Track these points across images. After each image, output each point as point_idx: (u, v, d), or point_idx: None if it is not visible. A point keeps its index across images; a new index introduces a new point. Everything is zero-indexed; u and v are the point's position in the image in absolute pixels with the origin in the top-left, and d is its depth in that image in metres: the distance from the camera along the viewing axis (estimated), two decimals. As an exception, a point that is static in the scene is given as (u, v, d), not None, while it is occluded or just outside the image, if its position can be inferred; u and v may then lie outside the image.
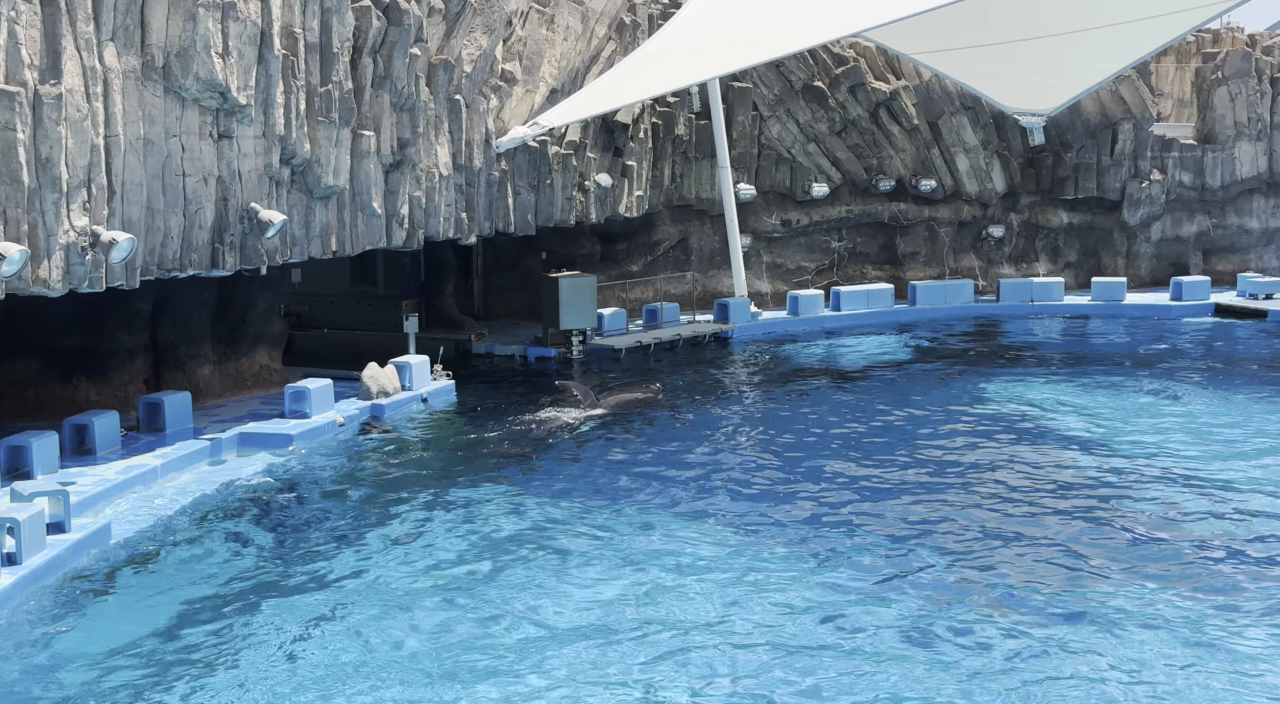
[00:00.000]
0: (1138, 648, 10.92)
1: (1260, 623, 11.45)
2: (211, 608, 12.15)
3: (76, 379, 18.65)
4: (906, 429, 19.32)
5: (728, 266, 29.42)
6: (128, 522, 14.50)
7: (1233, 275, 32.37)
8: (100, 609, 12.19)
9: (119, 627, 11.75)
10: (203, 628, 11.68)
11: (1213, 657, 10.77)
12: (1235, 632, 11.26)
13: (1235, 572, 12.84)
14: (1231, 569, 12.92)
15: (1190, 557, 13.33)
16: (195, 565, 13.38)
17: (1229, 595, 12.14)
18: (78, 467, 15.97)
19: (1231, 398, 21.25)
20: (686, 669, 10.65)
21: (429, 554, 13.67)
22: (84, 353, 18.70)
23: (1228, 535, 14.02)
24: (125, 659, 11.04)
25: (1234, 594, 12.17)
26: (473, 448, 18.60)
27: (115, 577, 12.99)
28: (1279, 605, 11.86)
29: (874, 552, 13.59)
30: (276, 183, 18.34)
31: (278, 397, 19.67)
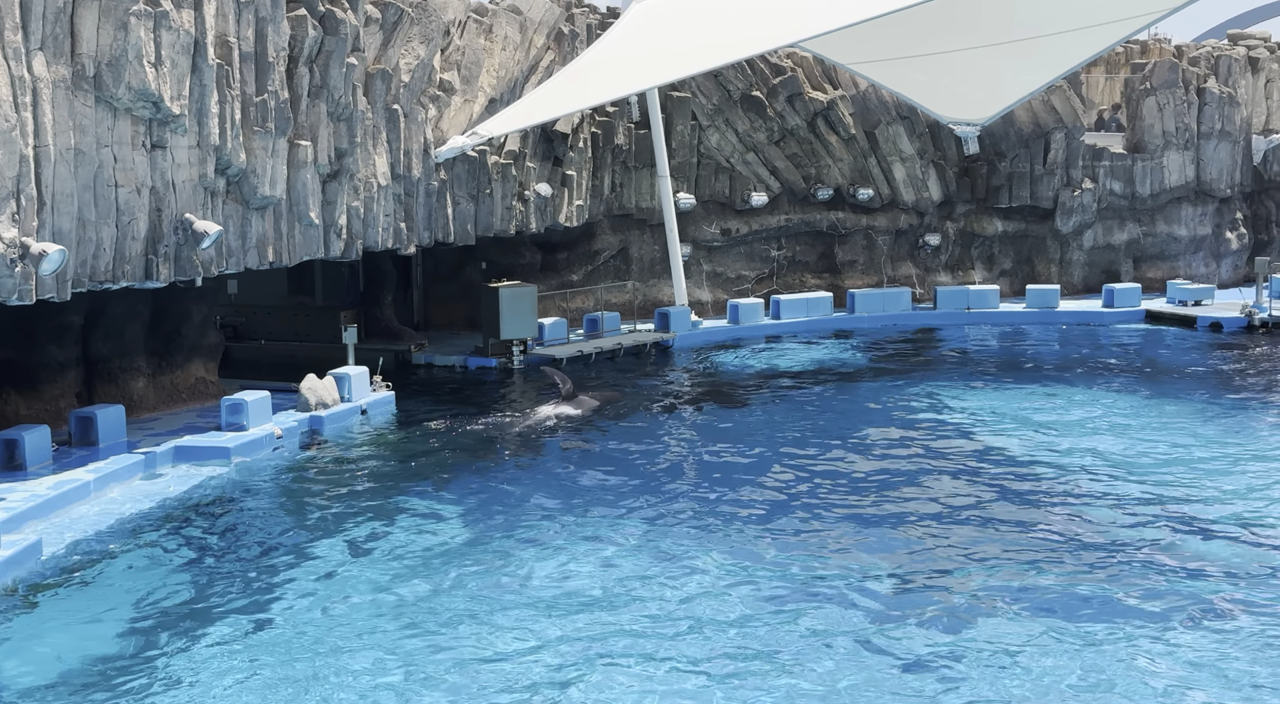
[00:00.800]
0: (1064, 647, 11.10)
1: (1189, 627, 11.68)
2: (146, 625, 11.99)
3: (6, 393, 18.32)
4: (845, 436, 19.47)
5: (668, 275, 29.51)
6: (59, 538, 14.28)
7: (1163, 282, 32.97)
8: (29, 627, 11.98)
9: (49, 645, 11.56)
10: (136, 644, 11.52)
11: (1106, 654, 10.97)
12: (1147, 635, 11.49)
13: (1151, 573, 13.09)
14: (1146, 571, 13.16)
15: (1108, 557, 13.55)
16: (129, 582, 13.19)
17: (1138, 598, 12.37)
18: (7, 482, 15.69)
19: (1161, 404, 21.64)
20: (632, 683, 10.66)
21: (369, 568, 13.58)
22: (13, 366, 18.38)
23: (1151, 539, 14.27)
24: (55, 677, 10.85)
25: (1151, 598, 12.40)
26: (412, 459, 18.49)
27: (45, 594, 12.77)
28: (1203, 613, 12.09)
29: (812, 557, 13.68)
30: (211, 193, 18.16)
31: (214, 409, 19.45)
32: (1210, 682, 10.47)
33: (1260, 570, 13.11)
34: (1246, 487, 16.27)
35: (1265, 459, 17.69)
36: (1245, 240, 35.50)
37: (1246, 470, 17.07)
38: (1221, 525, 14.66)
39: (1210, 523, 14.77)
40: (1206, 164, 34.29)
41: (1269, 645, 11.17)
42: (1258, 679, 10.48)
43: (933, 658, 11.03)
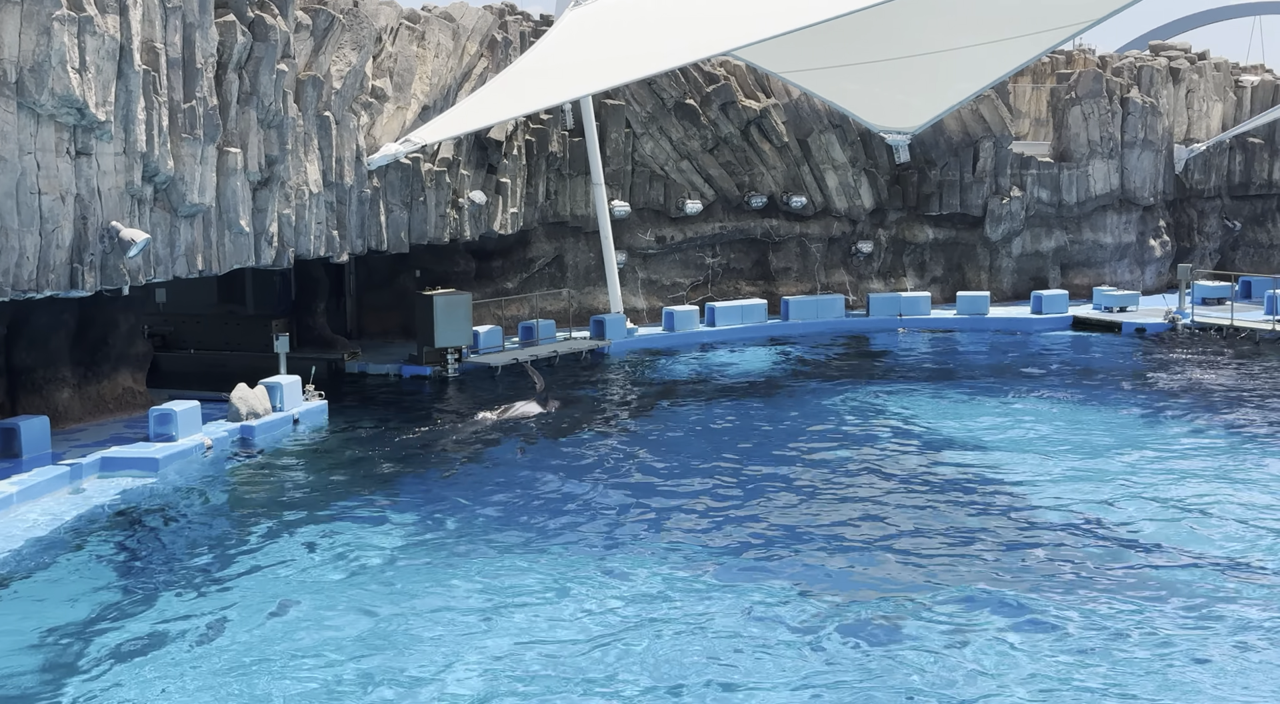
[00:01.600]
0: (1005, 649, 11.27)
1: (1114, 621, 11.90)
2: (70, 637, 11.78)
3: (-74, 405, 17.96)
4: (780, 442, 19.60)
5: (603, 283, 29.55)
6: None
7: (1089, 289, 33.56)
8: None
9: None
10: (60, 656, 11.32)
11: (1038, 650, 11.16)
12: (1074, 629, 11.70)
13: (1076, 570, 13.32)
14: (1072, 568, 13.40)
15: (1035, 559, 13.78)
16: (54, 594, 12.95)
17: (1066, 594, 12.59)
18: (-73, 496, 15.36)
19: (1086, 407, 22.02)
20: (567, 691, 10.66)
21: (299, 581, 13.44)
22: (-66, 377, 18.01)
23: (1070, 539, 14.52)
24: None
25: (1080, 594, 12.63)
26: (346, 469, 18.35)
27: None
28: (1135, 611, 12.34)
29: (750, 560, 13.77)
30: (139, 201, 17.91)
31: (142, 420, 19.17)
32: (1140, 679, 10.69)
33: (1176, 563, 13.39)
34: (1169, 485, 16.61)
35: (1184, 458, 18.07)
36: (1168, 248, 36.24)
37: (1170, 470, 17.43)
38: (1147, 525, 14.96)
39: (1135, 522, 15.06)
40: (1130, 173, 34.97)
41: (1205, 634, 11.43)
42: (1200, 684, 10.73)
43: (868, 663, 11.14)
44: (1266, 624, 11.84)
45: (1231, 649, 11.27)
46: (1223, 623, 11.85)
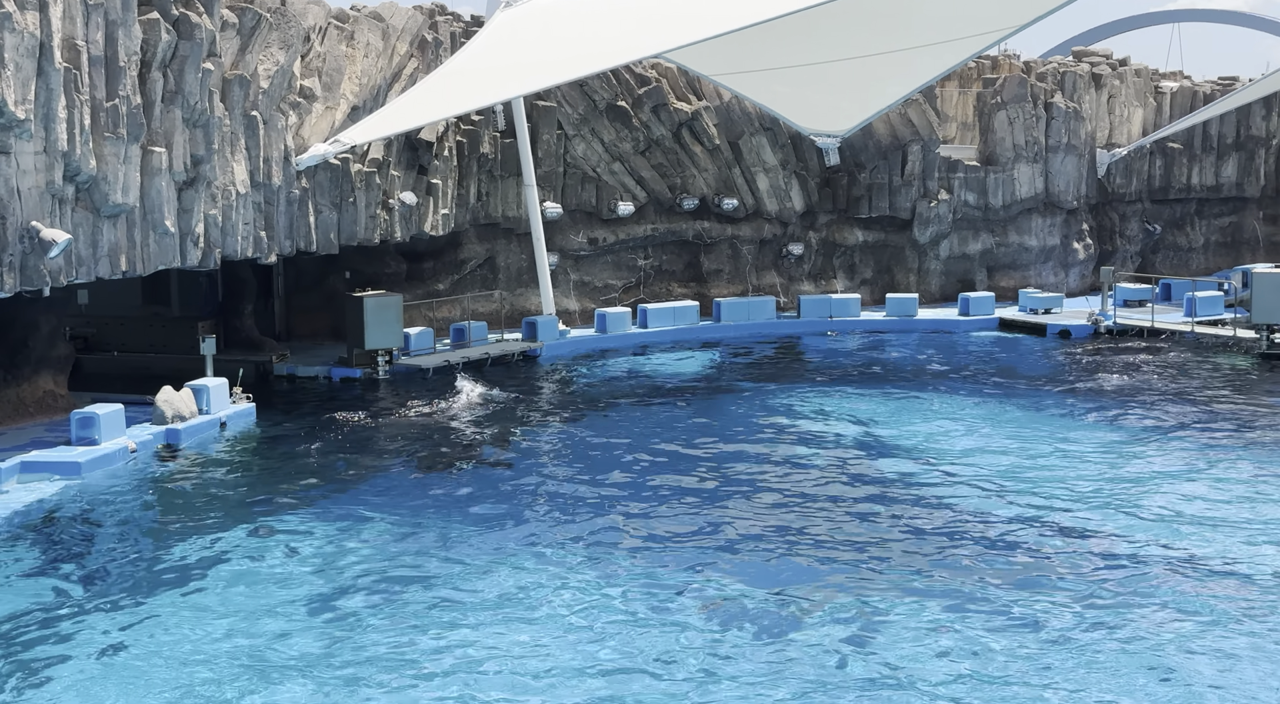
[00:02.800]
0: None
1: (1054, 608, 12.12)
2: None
3: None
4: (712, 444, 19.70)
5: (535, 285, 29.49)
6: (-104, 559, 13.67)
7: (1015, 291, 34.09)
8: None
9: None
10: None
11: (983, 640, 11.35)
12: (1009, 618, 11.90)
13: (989, 559, 13.55)
14: (1023, 558, 13.63)
15: (971, 552, 13.99)
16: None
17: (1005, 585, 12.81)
18: None
19: (1010, 406, 22.38)
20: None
21: (224, 586, 13.28)
22: None
23: (995, 532, 14.77)
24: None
25: (1022, 585, 12.85)
26: (273, 472, 18.16)
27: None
28: (1085, 594, 12.57)
29: (677, 569, 13.84)
30: (60, 200, 17.60)
31: (64, 423, 18.83)
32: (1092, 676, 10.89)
33: (1098, 556, 13.67)
34: (1088, 480, 16.94)
35: (1107, 453, 18.44)
36: (1091, 251, 36.91)
37: (1087, 464, 17.77)
38: (1072, 517, 15.24)
39: (1058, 515, 15.34)
40: (1054, 176, 35.57)
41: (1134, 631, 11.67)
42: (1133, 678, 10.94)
43: (798, 665, 11.25)
44: (1187, 606, 12.13)
45: (1163, 627, 11.54)
46: (1146, 609, 12.12)
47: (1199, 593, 12.79)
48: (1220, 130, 39.06)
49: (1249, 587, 13.00)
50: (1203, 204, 39.64)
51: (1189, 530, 14.91)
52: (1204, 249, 40.04)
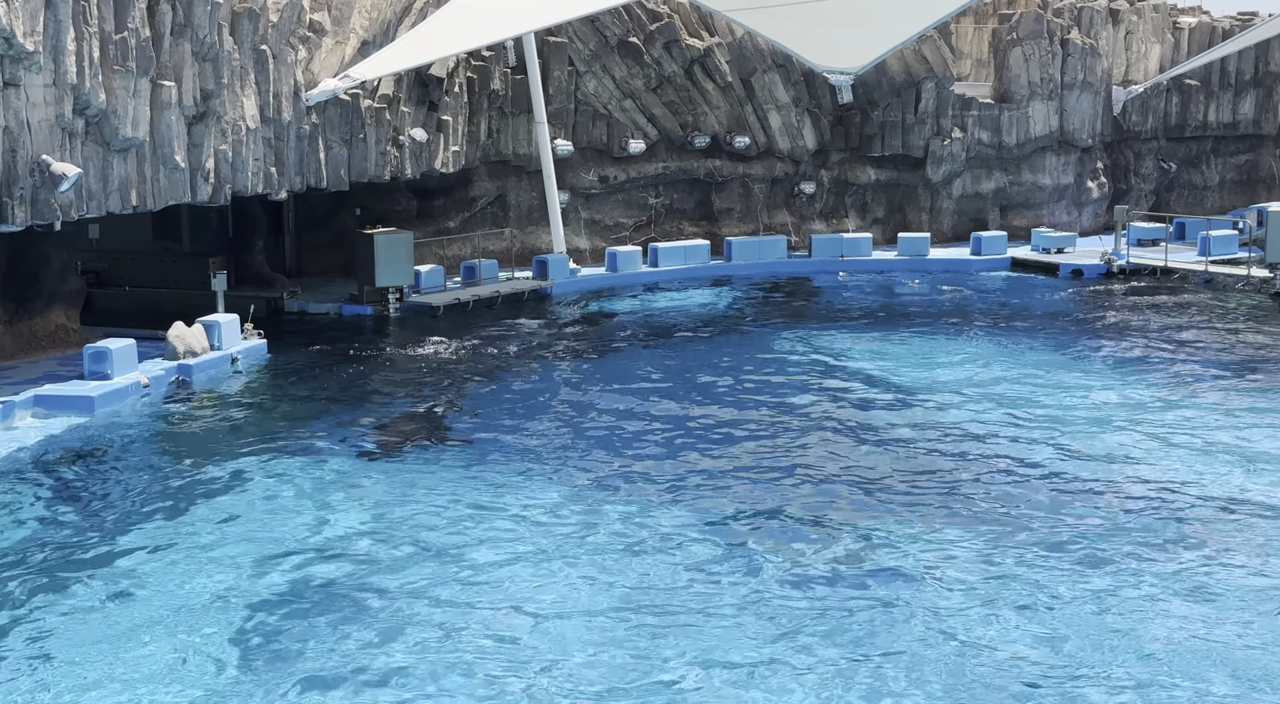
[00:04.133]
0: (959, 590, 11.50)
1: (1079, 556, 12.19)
2: (2, 577, 11.67)
3: None
4: (723, 383, 19.73)
5: (546, 223, 29.39)
6: (-88, 490, 13.80)
7: (1028, 230, 33.87)
8: (-116, 581, 11.59)
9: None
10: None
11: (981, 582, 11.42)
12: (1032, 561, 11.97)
13: (1027, 507, 13.61)
14: (1025, 506, 13.69)
15: (983, 495, 14.05)
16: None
17: (1019, 528, 12.87)
18: None
19: (1022, 347, 22.35)
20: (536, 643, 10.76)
21: (236, 522, 13.36)
22: None
23: (1006, 468, 14.81)
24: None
25: (1027, 528, 12.91)
26: (285, 408, 18.25)
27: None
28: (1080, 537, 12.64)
29: (693, 507, 13.91)
30: (70, 134, 17.55)
31: (76, 358, 18.89)
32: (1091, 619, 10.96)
33: (1106, 499, 13.73)
34: (1105, 421, 16.96)
35: (1117, 392, 18.44)
36: (1105, 189, 36.61)
37: (1103, 405, 17.77)
38: (1079, 458, 15.28)
39: (1067, 454, 15.38)
40: (1069, 114, 35.21)
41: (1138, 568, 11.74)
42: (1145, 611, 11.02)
43: (825, 606, 11.33)
44: (1206, 549, 12.19)
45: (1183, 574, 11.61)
46: (1165, 550, 12.19)
47: (1215, 529, 12.85)
48: (1239, 67, 38.56)
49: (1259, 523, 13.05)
50: (1219, 142, 39.24)
51: (1201, 467, 14.94)
52: (1219, 187, 39.67)
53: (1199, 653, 10.08)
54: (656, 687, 9.57)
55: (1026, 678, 9.70)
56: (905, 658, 10.02)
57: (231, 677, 9.76)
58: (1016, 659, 10.01)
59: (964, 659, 9.99)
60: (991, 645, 10.24)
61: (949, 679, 9.65)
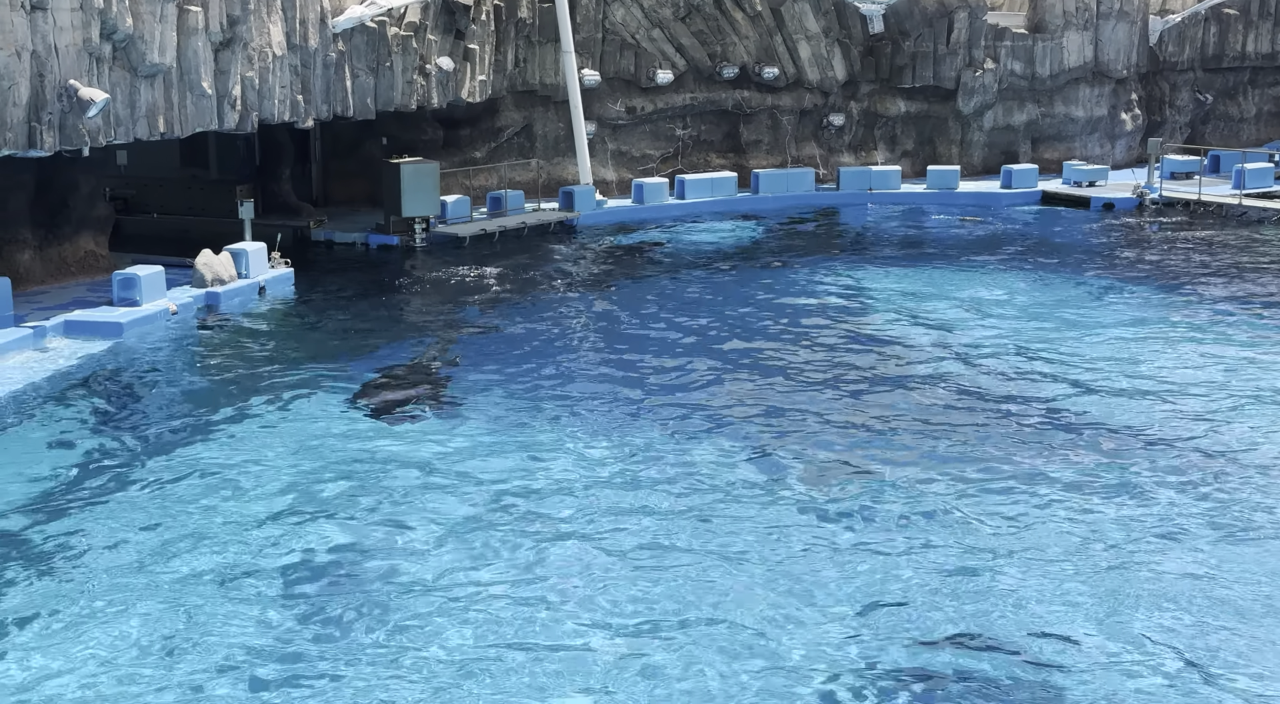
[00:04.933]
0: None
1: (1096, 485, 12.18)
2: (35, 500, 11.82)
3: (-116, 264, 17.73)
4: (747, 316, 19.69)
5: (573, 154, 29.22)
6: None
7: (1059, 163, 33.47)
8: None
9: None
10: (24, 519, 11.39)
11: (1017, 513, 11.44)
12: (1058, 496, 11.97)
13: (1056, 439, 13.58)
14: (1055, 438, 13.66)
15: (1012, 427, 14.03)
16: (15, 458, 12.97)
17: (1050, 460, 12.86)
18: (-110, 356, 15.26)
19: (1050, 280, 22.17)
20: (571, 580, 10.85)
21: (261, 447, 13.45)
22: (-108, 237, 17.75)
23: (1035, 404, 14.77)
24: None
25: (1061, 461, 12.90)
26: (311, 337, 18.33)
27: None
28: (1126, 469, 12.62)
29: (731, 436, 13.94)
30: (97, 59, 17.50)
31: (105, 284, 19.00)
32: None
33: (1139, 430, 13.68)
34: (1131, 355, 16.85)
35: (1147, 327, 18.31)
36: (1139, 121, 36.10)
37: (1130, 339, 17.66)
38: (1111, 390, 15.21)
39: (1099, 387, 15.31)
40: (1104, 45, 34.63)
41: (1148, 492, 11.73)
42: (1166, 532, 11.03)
43: (845, 531, 11.38)
44: (1229, 484, 12.17)
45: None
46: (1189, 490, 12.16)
47: (1236, 468, 12.81)
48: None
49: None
50: (1257, 73, 38.54)
51: (1230, 403, 14.85)
52: (1256, 119, 39.04)
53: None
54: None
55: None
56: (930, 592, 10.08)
57: (251, 587, 9.92)
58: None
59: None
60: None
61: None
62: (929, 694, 8.50)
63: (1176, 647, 9.09)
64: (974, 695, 8.48)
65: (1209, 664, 8.86)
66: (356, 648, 9.08)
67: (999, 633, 9.32)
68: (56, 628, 9.35)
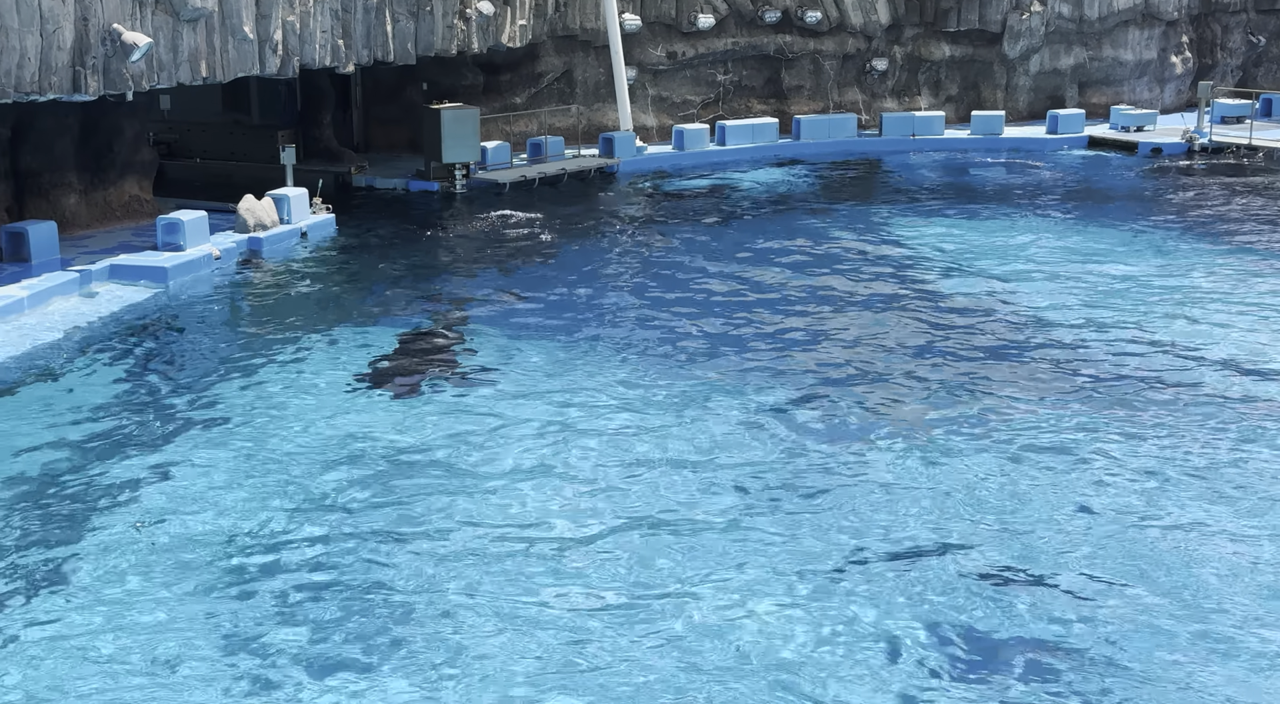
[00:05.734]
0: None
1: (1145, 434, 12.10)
2: (80, 441, 11.99)
3: (-67, 206, 17.94)
4: (789, 264, 19.59)
5: (613, 100, 29.05)
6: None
7: (1106, 108, 32.93)
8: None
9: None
10: (71, 460, 11.58)
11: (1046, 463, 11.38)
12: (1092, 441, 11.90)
13: (1110, 389, 13.48)
14: (1109, 388, 13.56)
15: (1052, 374, 13.93)
16: (60, 401, 13.16)
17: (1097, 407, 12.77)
18: (-61, 297, 15.49)
19: (1095, 228, 21.90)
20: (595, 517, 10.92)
21: (306, 391, 13.58)
22: (-60, 180, 17.95)
23: (1076, 351, 14.64)
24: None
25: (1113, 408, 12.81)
26: (353, 282, 18.42)
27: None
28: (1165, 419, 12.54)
29: (753, 379, 13.94)
30: (140, 4, 17.53)
31: (149, 228, 19.16)
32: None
33: (1171, 377, 13.56)
34: (1176, 304, 16.66)
35: (1193, 275, 18.07)
36: (1190, 65, 35.43)
37: (1176, 288, 17.44)
38: (1154, 343, 15.06)
39: (1140, 336, 15.16)
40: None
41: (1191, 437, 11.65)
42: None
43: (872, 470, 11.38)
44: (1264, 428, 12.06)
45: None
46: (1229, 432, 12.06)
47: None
48: (1338, -65, 36.83)
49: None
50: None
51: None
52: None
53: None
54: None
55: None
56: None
57: (306, 516, 10.06)
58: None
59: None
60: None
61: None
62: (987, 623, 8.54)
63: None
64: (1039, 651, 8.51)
65: None
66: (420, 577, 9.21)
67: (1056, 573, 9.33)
68: (100, 570, 9.53)
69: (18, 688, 7.89)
